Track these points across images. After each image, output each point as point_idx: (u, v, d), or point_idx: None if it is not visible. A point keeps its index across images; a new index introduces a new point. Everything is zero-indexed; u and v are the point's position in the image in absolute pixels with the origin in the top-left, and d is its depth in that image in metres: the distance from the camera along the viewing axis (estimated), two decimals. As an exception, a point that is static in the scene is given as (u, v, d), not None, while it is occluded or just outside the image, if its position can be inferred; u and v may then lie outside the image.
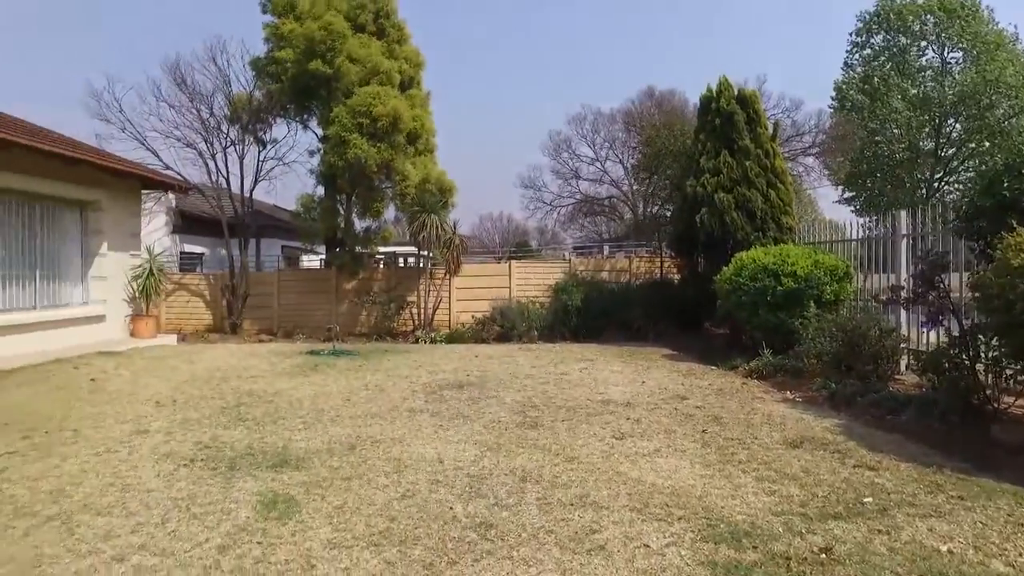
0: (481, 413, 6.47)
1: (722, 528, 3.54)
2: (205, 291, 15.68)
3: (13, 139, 9.05)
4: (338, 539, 3.37)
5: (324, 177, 14.98)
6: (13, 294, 10.16)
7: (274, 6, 14.86)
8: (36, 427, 5.76)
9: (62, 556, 3.17)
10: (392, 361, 10.20)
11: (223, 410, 6.52)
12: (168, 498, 3.96)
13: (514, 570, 3.05)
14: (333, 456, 4.91)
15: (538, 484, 4.28)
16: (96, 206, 11.68)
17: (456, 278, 14.76)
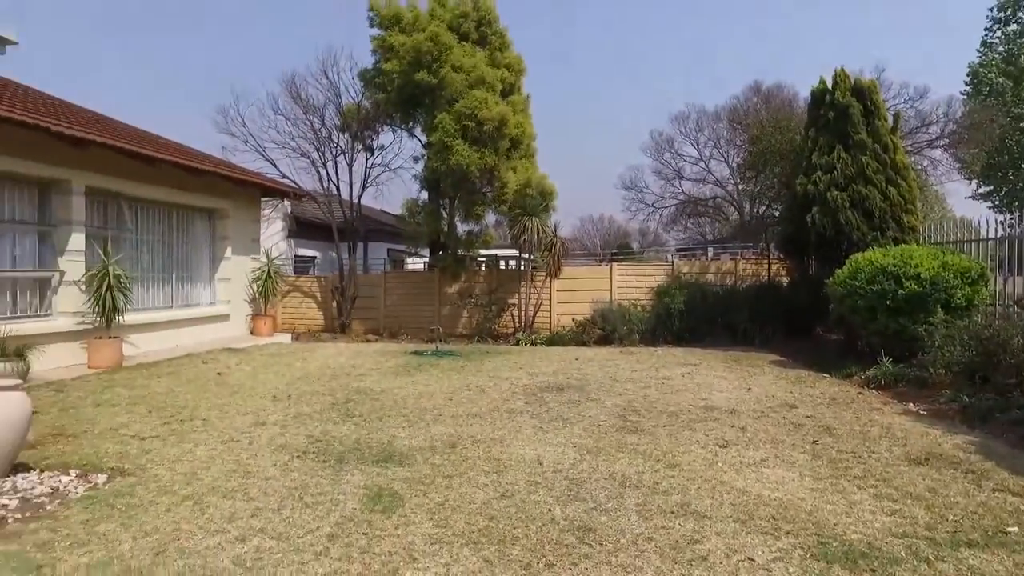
0: (581, 416, 6.44)
1: (835, 546, 3.34)
2: (317, 292, 16.56)
3: (161, 157, 9.98)
4: (439, 535, 3.46)
5: (428, 182, 15.47)
6: (154, 294, 11.17)
7: (381, 19, 15.48)
8: (174, 415, 6.30)
9: (195, 532, 3.44)
10: (493, 363, 10.35)
11: (333, 406, 6.86)
12: (283, 486, 4.21)
13: (609, 572, 3.01)
14: (435, 454, 5.05)
15: (638, 490, 4.21)
16: (223, 213, 12.63)
17: (556, 281, 14.79)
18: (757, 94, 22.61)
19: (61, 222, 9.14)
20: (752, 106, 21.21)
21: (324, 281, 16.68)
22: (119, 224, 10.47)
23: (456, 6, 15.55)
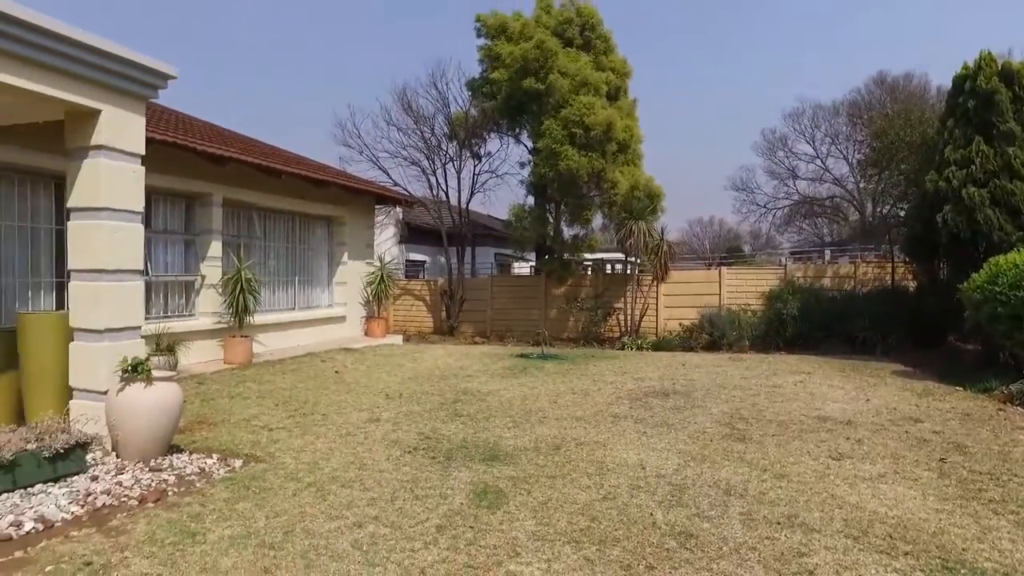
0: (686, 423, 6.36)
1: (963, 573, 3.15)
2: (426, 296, 17.19)
3: (286, 170, 10.80)
4: (541, 532, 3.58)
5: (534, 187, 15.71)
6: (280, 297, 12.07)
7: (488, 29, 15.88)
8: (297, 409, 6.82)
9: (317, 516, 3.75)
10: (598, 367, 10.37)
11: (442, 405, 7.16)
12: (396, 479, 4.48)
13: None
14: (539, 455, 5.17)
15: (743, 499, 4.14)
16: (340, 221, 13.43)
17: (663, 285, 14.57)
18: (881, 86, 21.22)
19: (203, 231, 10.09)
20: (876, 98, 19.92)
21: (434, 285, 17.29)
22: (250, 232, 11.40)
23: (560, 12, 15.70)
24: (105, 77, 4.76)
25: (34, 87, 4.34)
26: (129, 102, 5.01)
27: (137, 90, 5.04)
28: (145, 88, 5.11)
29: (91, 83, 4.69)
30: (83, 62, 4.57)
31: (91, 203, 4.82)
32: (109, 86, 4.81)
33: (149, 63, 4.98)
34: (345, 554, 3.25)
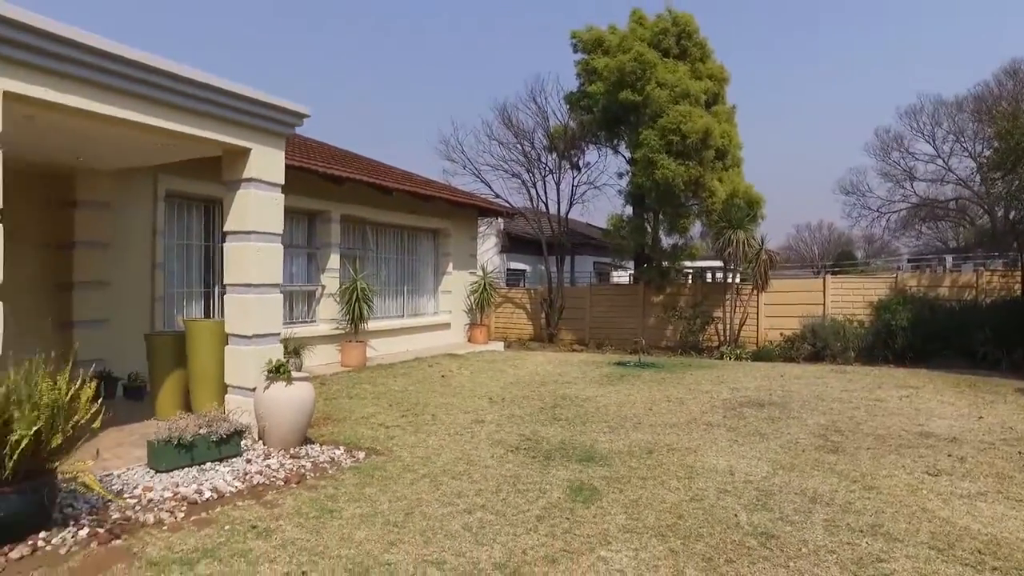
0: (779, 433, 6.47)
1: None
2: (527, 304, 17.75)
3: (397, 187, 11.68)
4: (631, 525, 3.93)
5: (632, 197, 15.93)
6: (390, 305, 12.98)
7: (584, 44, 16.28)
8: (409, 409, 7.48)
9: (432, 502, 4.29)
10: (694, 376, 10.49)
11: (541, 410, 7.61)
12: (500, 474, 4.96)
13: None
14: (632, 458, 5.50)
15: (828, 507, 4.30)
16: (445, 233, 14.22)
17: (764, 294, 14.37)
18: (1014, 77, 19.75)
19: (323, 245, 11.09)
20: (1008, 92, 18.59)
21: (534, 293, 17.83)
22: (364, 245, 12.36)
23: (656, 23, 15.82)
24: (256, 121, 5.58)
25: (204, 134, 5.20)
26: (273, 140, 5.82)
27: (279, 129, 5.85)
28: (285, 127, 5.91)
29: (245, 127, 5.52)
30: (240, 110, 5.40)
31: (242, 227, 5.66)
32: (258, 128, 5.64)
33: (290, 106, 5.77)
34: (457, 534, 3.75)
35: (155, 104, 4.83)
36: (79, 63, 4.29)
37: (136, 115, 4.70)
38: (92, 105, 4.41)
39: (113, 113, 4.55)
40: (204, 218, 9.19)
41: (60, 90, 4.22)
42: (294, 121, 5.96)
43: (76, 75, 4.29)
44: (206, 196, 8.90)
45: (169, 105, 4.91)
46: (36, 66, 4.09)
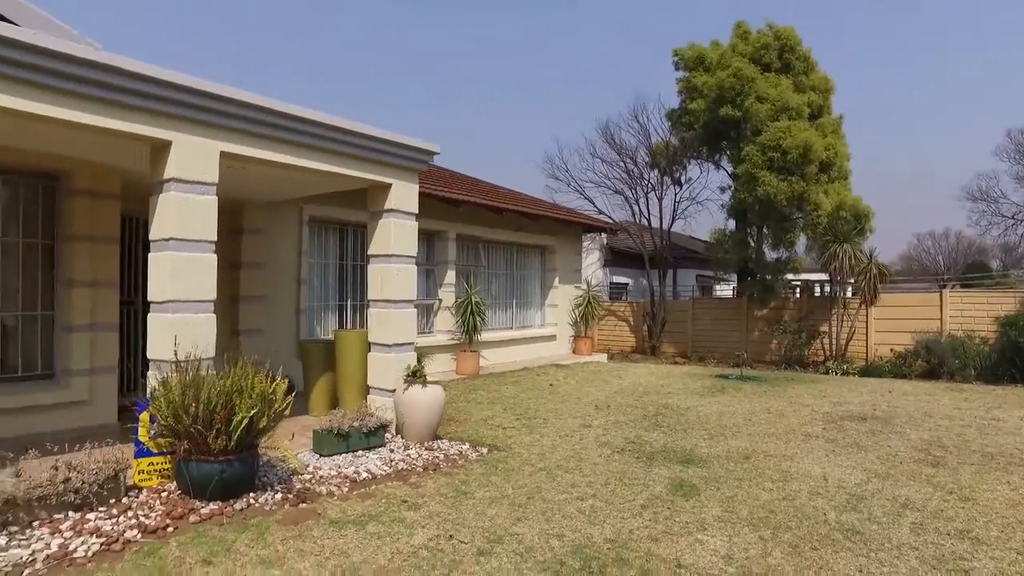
0: (879, 445, 6.67)
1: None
2: (629, 317, 18.16)
3: (508, 207, 12.57)
4: (725, 516, 4.44)
5: (735, 211, 16.05)
6: (500, 317, 13.85)
7: (685, 62, 16.60)
8: (522, 413, 8.22)
9: (550, 490, 4.97)
10: (797, 390, 10.61)
11: (644, 417, 8.13)
12: (607, 471, 5.57)
13: (868, 566, 3.67)
14: (730, 462, 5.95)
15: (919, 512, 4.60)
16: (551, 249, 14.97)
17: (874, 308, 14.10)
18: None
19: (440, 262, 12.11)
20: None
21: (636, 306, 18.22)
22: (476, 261, 13.31)
23: (757, 38, 15.88)
24: (396, 160, 6.55)
25: (357, 174, 6.22)
26: (409, 175, 6.77)
27: (415, 166, 6.80)
28: (419, 164, 6.85)
29: (388, 166, 6.50)
30: (385, 152, 6.39)
31: (384, 251, 6.62)
32: (398, 166, 6.60)
33: (424, 146, 6.70)
34: (572, 515, 4.41)
35: (324, 152, 5.89)
36: (274, 126, 5.40)
37: (309, 162, 5.76)
38: (279, 156, 5.49)
39: (291, 161, 5.62)
40: (339, 240, 10.40)
41: (258, 147, 5.30)
42: (427, 158, 6.89)
43: (270, 135, 5.39)
44: (340, 220, 10.11)
45: (334, 152, 5.96)
46: (244, 131, 5.19)
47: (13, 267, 6.13)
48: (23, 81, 4.10)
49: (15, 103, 4.09)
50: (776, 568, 3.61)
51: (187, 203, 4.86)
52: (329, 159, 5.95)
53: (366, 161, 6.27)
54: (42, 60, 4.14)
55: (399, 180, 6.62)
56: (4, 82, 4.03)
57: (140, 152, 5.20)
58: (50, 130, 4.70)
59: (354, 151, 6.11)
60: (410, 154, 6.65)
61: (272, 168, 5.77)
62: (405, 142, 6.51)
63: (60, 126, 4.46)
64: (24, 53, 4.06)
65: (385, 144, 6.35)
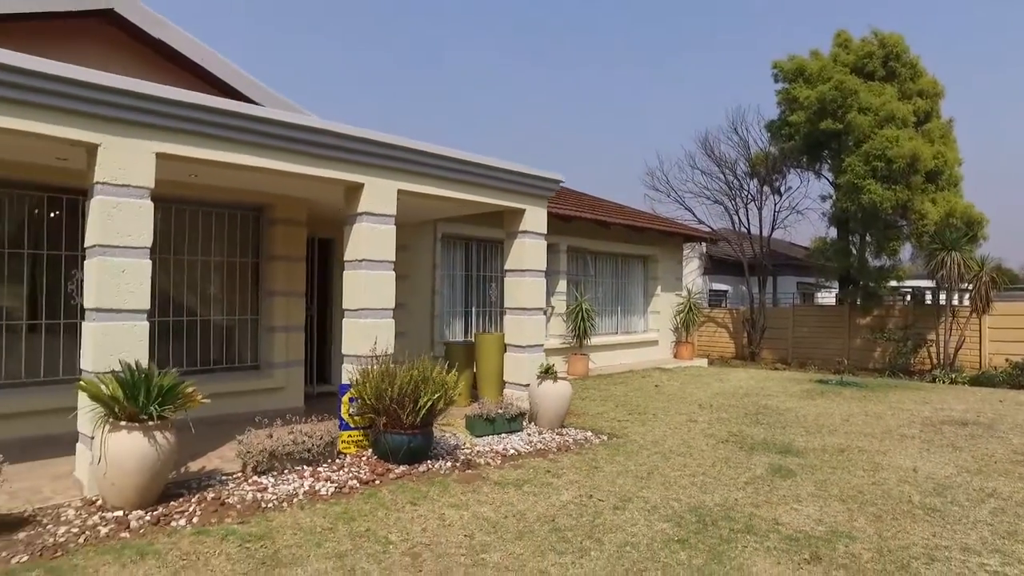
0: (975, 447, 7.15)
1: None
2: (728, 323, 18.62)
3: (615, 221, 13.57)
4: (818, 493, 5.26)
5: (836, 220, 16.25)
6: (606, 323, 14.82)
7: (784, 74, 16.91)
8: (632, 410, 9.18)
9: (665, 468, 5.94)
10: (897, 396, 10.95)
11: (745, 415, 8.89)
12: (713, 456, 6.46)
13: (941, 533, 4.42)
14: (825, 453, 6.69)
15: (1003, 501, 5.21)
16: (653, 259, 15.79)
17: (988, 316, 13.98)
18: None
19: (553, 272, 13.19)
20: None
21: (735, 313, 18.66)
22: (585, 271, 14.35)
23: (860, 46, 16.01)
24: (529, 189, 7.73)
25: (497, 202, 7.45)
26: (539, 201, 7.94)
27: (544, 193, 7.96)
28: (548, 192, 8.00)
29: (523, 194, 7.70)
30: (521, 183, 7.58)
31: (518, 266, 7.81)
32: (531, 194, 7.78)
33: (552, 176, 7.86)
34: (686, 486, 5.37)
35: (474, 185, 7.17)
36: (438, 167, 6.71)
37: (464, 194, 7.06)
38: (441, 191, 6.81)
39: (450, 194, 6.92)
40: (465, 253, 11.73)
41: (426, 184, 6.63)
42: (555, 187, 8.03)
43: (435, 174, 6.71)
44: (467, 236, 11.44)
45: (482, 185, 7.23)
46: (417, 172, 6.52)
47: (231, 281, 7.76)
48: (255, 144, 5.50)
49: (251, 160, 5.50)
50: (859, 529, 4.44)
51: (374, 231, 6.21)
52: (478, 191, 7.20)
53: (506, 191, 7.49)
54: (271, 128, 5.55)
55: (531, 205, 7.80)
56: (244, 145, 5.44)
57: (324, 188, 6.62)
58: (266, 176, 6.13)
59: (497, 183, 7.34)
60: (541, 184, 7.81)
61: (433, 200, 7.07)
62: (537, 174, 7.68)
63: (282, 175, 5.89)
64: (261, 125, 5.50)
65: (521, 176, 7.54)
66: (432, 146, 6.58)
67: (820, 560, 3.89)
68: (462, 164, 6.92)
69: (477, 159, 7.03)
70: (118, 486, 4.24)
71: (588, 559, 3.86)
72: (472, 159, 6.98)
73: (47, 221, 6.49)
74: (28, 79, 4.29)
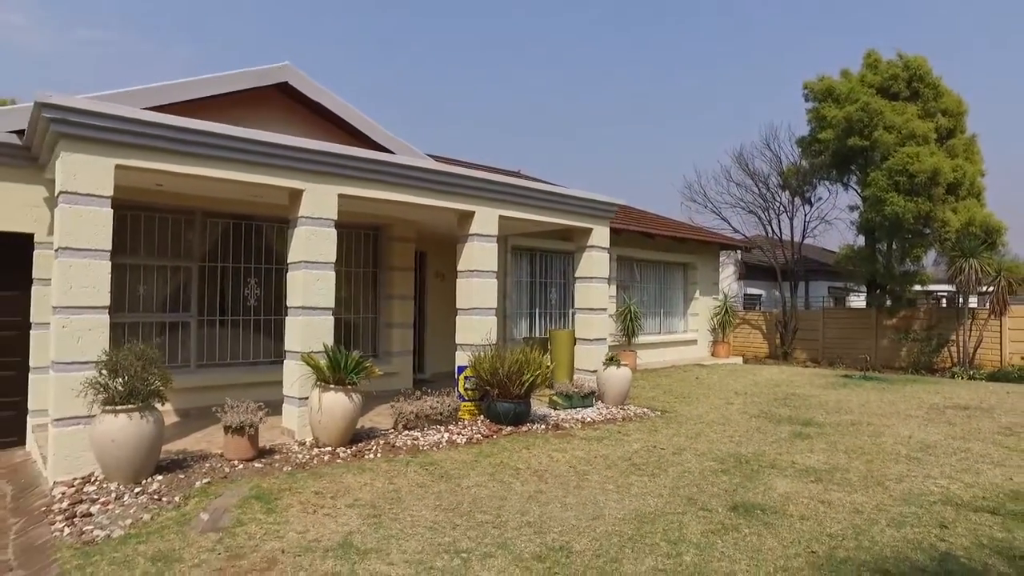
0: (967, 424, 8.66)
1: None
2: (762, 325, 20.09)
3: (659, 233, 15.27)
4: (827, 448, 6.91)
5: (863, 228, 17.64)
6: (650, 324, 16.51)
7: (814, 94, 18.36)
8: (679, 395, 10.87)
9: (708, 433, 7.63)
10: (914, 388, 12.41)
11: (774, 400, 10.51)
12: (746, 426, 8.14)
13: (915, 469, 6.05)
14: (839, 426, 8.30)
15: (971, 455, 6.79)
16: (692, 266, 17.41)
17: (1008, 318, 15.21)
18: None
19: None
20: None
21: (769, 316, 20.12)
22: (631, 277, 16.06)
23: (887, 67, 17.38)
24: (596, 212, 9.52)
25: (570, 223, 9.26)
26: (603, 221, 9.72)
27: (607, 215, 9.75)
28: (610, 213, 9.78)
29: (591, 216, 9.49)
30: (589, 207, 9.38)
31: (587, 274, 9.60)
32: (597, 215, 9.57)
33: (614, 201, 9.64)
34: (726, 443, 7.08)
35: (554, 210, 8.97)
36: (527, 196, 8.54)
37: (546, 217, 8.88)
38: (530, 215, 8.63)
39: (537, 218, 8.75)
40: (530, 263, 13.56)
41: (518, 211, 8.46)
42: (616, 209, 9.80)
43: (523, 203, 8.53)
44: (531, 248, 13.26)
45: (559, 210, 9.04)
46: (512, 202, 8.35)
47: (357, 286, 9.70)
48: (396, 184, 7.35)
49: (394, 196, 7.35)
50: (854, 467, 6.12)
51: (482, 248, 8.06)
52: (558, 215, 9.03)
53: (579, 214, 9.31)
54: (411, 172, 7.42)
55: (597, 225, 9.60)
56: (390, 185, 7.29)
57: (433, 213, 8.44)
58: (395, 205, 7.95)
59: (573, 208, 9.17)
60: (606, 207, 9.60)
61: (525, 222, 8.91)
62: (604, 200, 9.48)
63: (413, 206, 7.74)
64: (404, 170, 7.37)
65: (592, 202, 9.35)
66: (525, 181, 8.43)
67: (821, 480, 5.59)
68: (549, 195, 8.75)
69: (560, 190, 8.86)
70: (329, 430, 6.14)
71: (659, 479, 5.62)
72: (556, 190, 8.82)
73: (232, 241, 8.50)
74: (265, 148, 6.24)
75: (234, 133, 5.99)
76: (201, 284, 8.24)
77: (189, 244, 8.16)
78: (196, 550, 3.82)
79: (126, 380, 4.94)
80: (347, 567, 3.63)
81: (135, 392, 4.94)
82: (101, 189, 5.38)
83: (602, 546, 4.03)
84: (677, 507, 4.84)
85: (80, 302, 5.27)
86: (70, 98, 5.16)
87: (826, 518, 4.64)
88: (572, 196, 9.09)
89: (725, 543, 4.12)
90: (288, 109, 8.47)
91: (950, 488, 5.45)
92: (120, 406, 4.89)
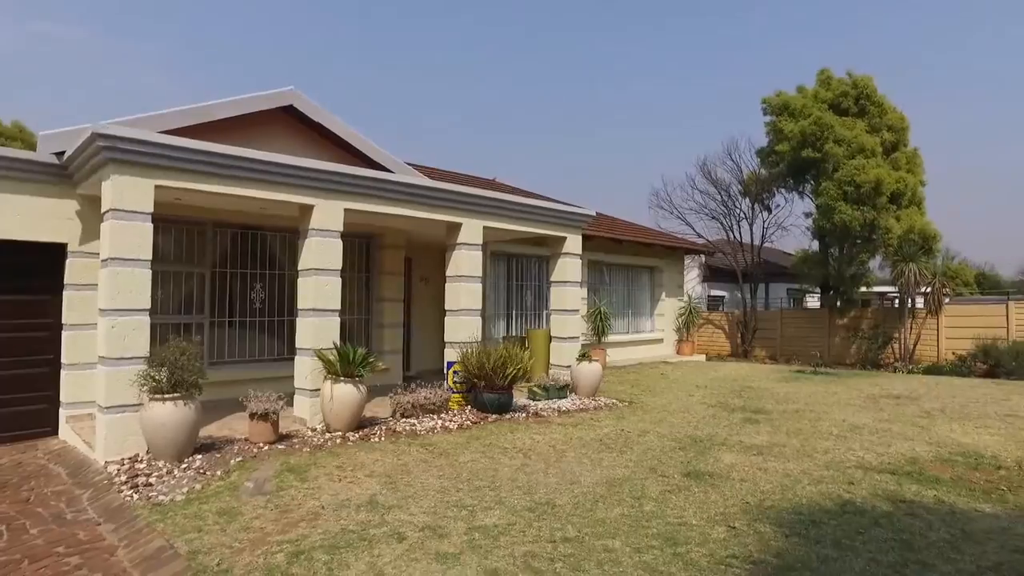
0: (895, 409, 9.84)
1: None
2: (724, 325, 21.33)
3: (627, 239, 16.35)
4: (771, 431, 7.99)
5: (816, 235, 18.97)
6: (619, 324, 17.58)
7: (772, 108, 19.64)
8: (645, 388, 11.92)
9: (670, 419, 8.67)
10: (857, 381, 13.67)
11: (731, 392, 11.63)
12: (704, 413, 9.20)
13: (840, 444, 7.13)
14: (785, 413, 9.41)
15: (891, 433, 7.91)
16: (659, 269, 18.55)
17: (945, 317, 16.62)
18: None
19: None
20: None
21: (731, 316, 21.37)
22: (600, 280, 17.11)
23: (837, 85, 18.76)
24: (570, 222, 10.52)
25: (546, 232, 10.22)
26: (577, 230, 10.71)
27: (580, 224, 10.75)
28: (584, 222, 10.78)
29: (566, 226, 10.49)
30: (564, 217, 10.35)
31: (561, 279, 10.59)
32: (570, 225, 10.56)
33: (587, 211, 10.64)
34: (685, 427, 8.12)
35: (534, 221, 9.93)
36: (512, 209, 9.47)
37: (526, 228, 9.84)
38: (512, 226, 9.57)
39: (518, 228, 9.70)
40: (507, 267, 14.50)
41: (501, 222, 9.40)
42: (589, 219, 10.81)
43: (509, 215, 9.46)
44: (508, 252, 14.20)
45: (538, 220, 10.01)
46: (497, 214, 9.28)
47: (352, 290, 10.53)
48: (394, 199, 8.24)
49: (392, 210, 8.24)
50: (791, 444, 7.20)
51: (469, 256, 8.99)
52: (538, 225, 10.02)
53: (555, 224, 10.30)
54: (409, 189, 8.32)
55: (571, 233, 10.59)
56: (388, 201, 8.17)
57: (422, 224, 9.31)
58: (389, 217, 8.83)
59: (551, 219, 10.16)
60: (580, 217, 10.61)
61: (507, 232, 9.86)
62: (578, 211, 10.49)
63: (407, 219, 8.63)
64: (402, 187, 8.27)
65: (568, 214, 10.36)
66: (508, 195, 9.39)
67: (762, 454, 6.65)
68: (529, 207, 9.73)
69: (538, 203, 9.86)
70: (340, 417, 7.01)
71: (626, 455, 6.62)
72: (536, 203, 9.81)
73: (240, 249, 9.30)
74: (282, 169, 7.09)
75: (257, 156, 6.83)
76: (212, 288, 9.01)
77: (201, 252, 8.93)
78: (251, 507, 4.69)
79: (172, 373, 5.75)
80: (377, 517, 4.54)
81: (180, 383, 5.76)
82: (143, 206, 6.19)
83: (580, 502, 5.00)
84: (640, 475, 5.84)
85: (126, 305, 6.06)
86: (122, 128, 5.96)
87: (761, 480, 5.68)
88: (549, 208, 10.08)
89: (678, 498, 5.12)
90: (293, 129, 9.28)
91: (865, 457, 6.56)
92: (168, 395, 5.71)
